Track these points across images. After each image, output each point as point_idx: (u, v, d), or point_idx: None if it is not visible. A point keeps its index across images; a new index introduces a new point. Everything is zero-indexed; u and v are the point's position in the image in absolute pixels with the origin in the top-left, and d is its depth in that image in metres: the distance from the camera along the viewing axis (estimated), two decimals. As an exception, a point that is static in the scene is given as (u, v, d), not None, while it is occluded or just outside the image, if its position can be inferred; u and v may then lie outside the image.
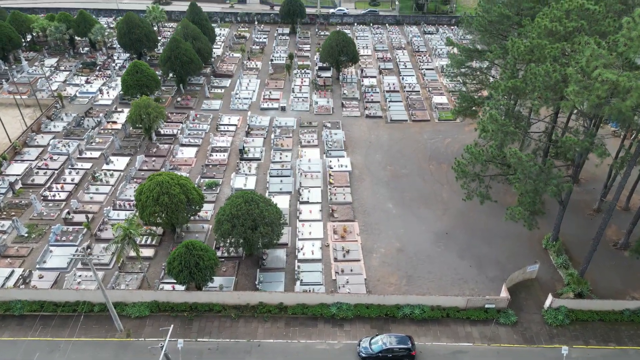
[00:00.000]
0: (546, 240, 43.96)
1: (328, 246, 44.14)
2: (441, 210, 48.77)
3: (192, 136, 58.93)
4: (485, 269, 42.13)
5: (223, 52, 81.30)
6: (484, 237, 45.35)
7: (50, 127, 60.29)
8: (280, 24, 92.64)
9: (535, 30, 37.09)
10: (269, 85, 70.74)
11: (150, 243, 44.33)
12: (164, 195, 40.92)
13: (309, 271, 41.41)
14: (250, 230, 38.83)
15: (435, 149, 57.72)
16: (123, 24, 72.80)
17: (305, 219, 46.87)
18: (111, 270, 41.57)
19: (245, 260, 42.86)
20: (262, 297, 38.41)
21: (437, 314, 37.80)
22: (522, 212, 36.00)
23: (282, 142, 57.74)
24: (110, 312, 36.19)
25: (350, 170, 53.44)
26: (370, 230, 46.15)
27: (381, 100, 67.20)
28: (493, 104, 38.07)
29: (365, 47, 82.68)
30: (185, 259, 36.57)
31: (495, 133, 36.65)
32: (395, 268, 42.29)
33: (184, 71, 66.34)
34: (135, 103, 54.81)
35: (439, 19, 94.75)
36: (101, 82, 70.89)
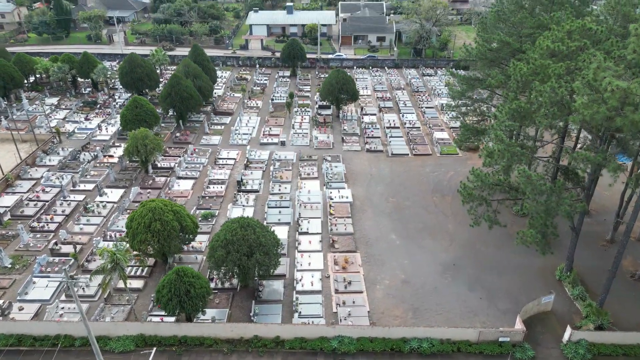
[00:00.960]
0: (560, 271, 41.50)
1: (328, 277, 41.62)
2: (447, 241, 46.56)
3: (190, 169, 57.67)
4: (497, 301, 39.41)
5: (224, 92, 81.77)
6: (494, 268, 42.90)
7: (45, 160, 59.20)
8: (281, 67, 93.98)
9: (537, 52, 36.67)
10: (269, 122, 70.40)
11: (139, 274, 41.89)
12: (156, 222, 38.98)
13: (308, 303, 38.71)
14: (246, 257, 36.58)
15: (438, 182, 56.23)
16: (125, 63, 73.57)
17: (305, 249, 44.63)
18: (96, 302, 38.90)
19: (240, 292, 40.24)
20: (258, 329, 35.56)
21: (447, 348, 34.78)
22: (534, 235, 33.93)
23: (281, 175, 56.37)
24: (92, 346, 33.32)
25: (352, 202, 51.70)
26: (373, 261, 43.78)
27: (381, 136, 66.53)
28: (498, 125, 36.94)
29: (364, 88, 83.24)
30: (176, 286, 34.12)
31: (501, 154, 35.28)
32: (400, 300, 39.59)
33: (184, 107, 66.14)
34: (133, 134, 53.97)
35: (437, 62, 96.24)
36: (101, 119, 70.63)
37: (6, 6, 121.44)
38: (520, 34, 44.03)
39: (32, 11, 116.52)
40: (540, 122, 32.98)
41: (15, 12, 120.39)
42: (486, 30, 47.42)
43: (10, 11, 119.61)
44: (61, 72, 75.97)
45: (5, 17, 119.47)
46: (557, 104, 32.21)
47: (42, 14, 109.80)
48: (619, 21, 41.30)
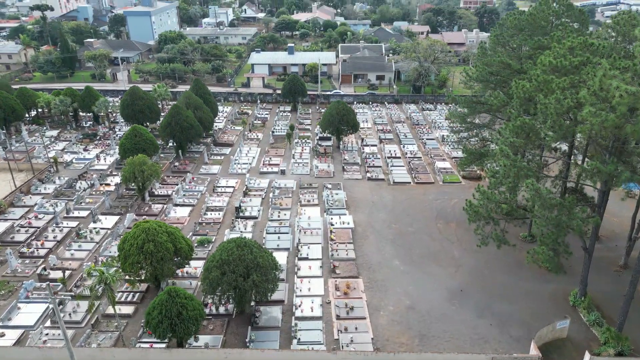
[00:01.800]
0: (573, 297, 39.37)
1: (329, 303, 39.48)
2: (453, 267, 44.61)
3: (187, 196, 56.46)
4: (508, 328, 37.10)
5: (225, 125, 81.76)
6: (503, 295, 40.75)
7: (41, 189, 58.10)
8: (282, 103, 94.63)
9: (539, 68, 36.31)
10: (269, 153, 69.82)
11: (130, 300, 39.80)
12: (149, 243, 37.39)
13: (308, 329, 36.43)
14: (242, 279, 34.73)
15: (441, 209, 54.79)
16: (127, 96, 73.91)
17: (304, 275, 42.67)
18: (83, 329, 36.65)
19: (235, 318, 38.03)
20: (253, 356, 33.21)
21: (458, 376, 32.31)
22: (546, 253, 32.20)
23: (280, 202, 55.07)
24: (75, 373, 30.96)
25: (353, 228, 50.09)
26: (376, 287, 41.72)
27: (383, 165, 65.69)
28: (503, 141, 36.03)
29: (365, 121, 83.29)
30: (167, 307, 32.11)
31: (507, 170, 34.18)
32: (405, 327, 37.30)
33: (184, 137, 65.75)
34: (131, 160, 53.13)
35: (436, 98, 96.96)
36: (99, 150, 70.15)
37: (14, 48, 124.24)
38: (521, 56, 43.98)
39: (38, 52, 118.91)
40: (547, 136, 32.01)
41: (22, 53, 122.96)
42: (486, 54, 47.50)
43: (17, 52, 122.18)
44: (63, 105, 76.19)
45: (12, 57, 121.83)
46: (564, 115, 31.42)
47: (49, 54, 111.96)
48: (619, 42, 41.28)
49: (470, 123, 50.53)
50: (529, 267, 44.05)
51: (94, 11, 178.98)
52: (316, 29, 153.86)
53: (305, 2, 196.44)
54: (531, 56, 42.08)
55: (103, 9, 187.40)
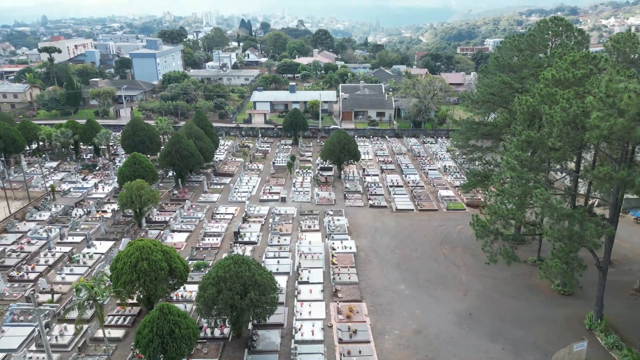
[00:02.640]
0: (589, 320, 37.22)
1: (331, 327, 37.34)
2: (461, 292, 42.60)
3: (185, 222, 55.11)
4: (523, 353, 34.78)
5: (225, 157, 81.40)
6: (515, 320, 38.55)
7: (36, 215, 56.89)
8: (283, 137, 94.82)
9: (542, 82, 36.00)
10: (270, 182, 68.98)
11: (120, 323, 37.72)
12: (143, 262, 35.78)
13: (309, 353, 34.18)
14: (239, 297, 32.91)
15: (446, 235, 53.22)
16: (128, 127, 74.10)
17: (305, 299, 40.69)
18: (69, 352, 34.44)
19: (231, 342, 35.84)
20: (250, 379, 30.93)
21: (470, 401, 29.89)
22: (559, 266, 30.56)
23: (280, 227, 53.63)
24: (57, 397, 28.75)
25: (355, 252, 48.40)
26: (380, 310, 39.63)
27: (385, 194, 64.61)
28: (509, 155, 35.15)
29: (366, 153, 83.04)
30: (158, 324, 30.18)
31: (515, 181, 33.14)
32: (413, 351, 35.02)
33: (184, 165, 65.15)
34: (128, 185, 52.21)
35: (437, 132, 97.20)
36: (98, 180, 69.43)
37: (19, 87, 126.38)
38: (522, 76, 43.91)
39: (43, 91, 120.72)
40: (554, 145, 31.10)
41: (27, 92, 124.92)
42: (486, 76, 47.53)
43: (22, 91, 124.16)
44: (64, 137, 76.17)
45: (17, 97, 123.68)
46: (570, 124, 30.72)
47: (54, 92, 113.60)
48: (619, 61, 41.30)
49: (473, 146, 49.90)
50: (541, 291, 42.35)
51: (101, 56, 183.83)
52: (317, 71, 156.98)
53: (307, 48, 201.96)
54: (532, 74, 41.95)
55: (110, 53, 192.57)
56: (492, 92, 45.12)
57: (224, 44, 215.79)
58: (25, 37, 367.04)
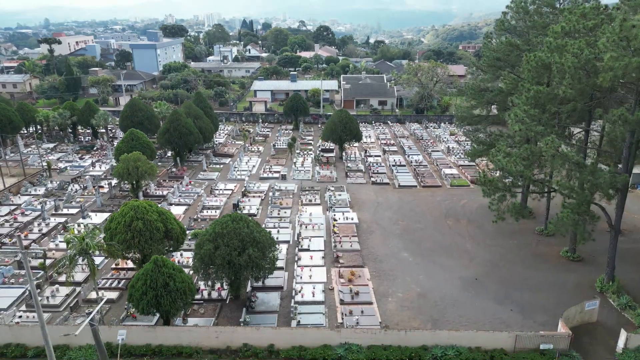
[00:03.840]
0: (600, 283, 35.89)
1: (332, 290, 36.05)
2: (466, 259, 41.26)
3: (184, 197, 53.93)
4: (532, 314, 33.44)
5: (225, 140, 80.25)
6: (523, 285, 37.18)
7: (31, 190, 55.73)
8: (284, 122, 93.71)
9: (551, 36, 34.80)
10: (270, 162, 67.79)
11: (114, 286, 36.48)
12: (137, 221, 34.58)
13: (309, 313, 32.89)
14: (237, 253, 31.66)
15: (450, 208, 51.93)
16: (127, 107, 73.06)
17: (305, 264, 39.41)
18: (60, 312, 33.19)
19: (229, 304, 34.59)
20: (248, 335, 29.56)
21: (478, 357, 28.51)
22: (571, 216, 29.26)
23: (281, 201, 52.41)
24: (47, 352, 27.41)
25: (357, 223, 47.16)
26: (383, 275, 38.33)
27: (387, 172, 63.37)
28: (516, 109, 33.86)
29: (368, 137, 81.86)
30: (152, 277, 28.94)
31: (522, 134, 31.91)
32: (417, 312, 33.70)
33: (182, 143, 64.01)
34: (125, 157, 51.06)
35: (440, 117, 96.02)
36: (96, 159, 68.34)
37: (19, 77, 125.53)
38: (529, 38, 42.70)
39: (42, 82, 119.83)
40: (565, 93, 29.87)
41: (27, 82, 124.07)
42: (491, 42, 46.28)
43: (22, 81, 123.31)
44: (61, 118, 75.12)
45: (17, 86, 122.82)
46: (582, 68, 29.51)
47: (53, 80, 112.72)
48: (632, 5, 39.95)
49: (479, 116, 48.68)
50: (549, 258, 41.08)
51: (102, 50, 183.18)
52: (318, 64, 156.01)
53: (308, 43, 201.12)
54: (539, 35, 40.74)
55: (111, 48, 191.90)
56: (497, 56, 43.91)
57: (225, 40, 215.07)
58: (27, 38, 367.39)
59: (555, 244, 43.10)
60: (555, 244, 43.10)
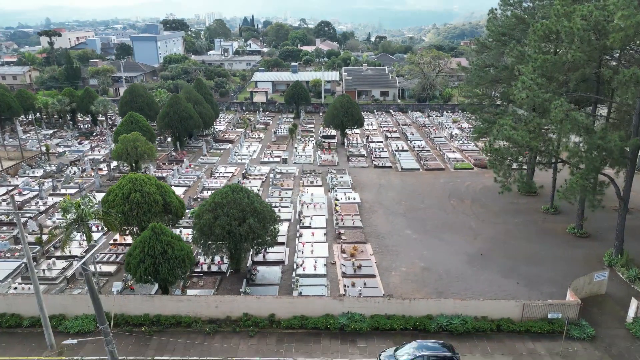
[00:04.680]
0: (608, 257, 35.11)
1: (334, 264, 35.32)
2: (471, 236, 40.49)
3: (184, 179, 53.22)
4: (538, 287, 32.68)
5: (226, 128, 79.51)
6: (529, 259, 36.39)
7: (29, 172, 55.05)
8: (285, 111, 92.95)
9: (558, 3, 33.98)
10: (271, 148, 67.04)
11: (112, 260, 35.80)
12: (136, 193, 33.94)
13: (311, 285, 32.15)
14: (237, 223, 30.92)
15: (454, 189, 51.15)
16: (126, 93, 72.32)
17: (307, 240, 38.66)
18: (56, 285, 32.51)
19: (229, 277, 33.86)
20: (248, 305, 28.84)
21: (485, 326, 27.77)
22: (580, 182, 28.46)
23: (282, 183, 51.69)
24: (42, 321, 26.73)
25: (360, 202, 46.43)
26: (386, 251, 37.57)
27: (389, 157, 62.59)
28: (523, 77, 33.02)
29: (370, 124, 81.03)
30: (150, 244, 28.27)
31: (530, 101, 31.13)
32: (421, 285, 32.96)
33: (182, 127, 63.27)
34: (123, 137, 50.39)
35: (442, 106, 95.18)
36: (95, 144, 67.66)
37: (18, 69, 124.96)
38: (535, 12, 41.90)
39: (42, 73, 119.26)
40: (574, 55, 29.07)
41: (27, 74, 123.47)
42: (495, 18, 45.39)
43: (22, 73, 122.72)
44: (61, 104, 74.42)
45: (16, 78, 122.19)
46: (592, 30, 28.73)
47: (53, 70, 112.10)
48: None
49: (483, 94, 47.90)
50: (556, 234, 40.38)
51: (102, 45, 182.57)
52: (319, 58, 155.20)
53: (309, 38, 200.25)
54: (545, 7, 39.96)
55: (111, 43, 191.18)
56: (502, 31, 43.12)
57: (225, 36, 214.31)
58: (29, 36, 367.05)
59: (562, 221, 42.36)
60: (562, 221, 42.36)
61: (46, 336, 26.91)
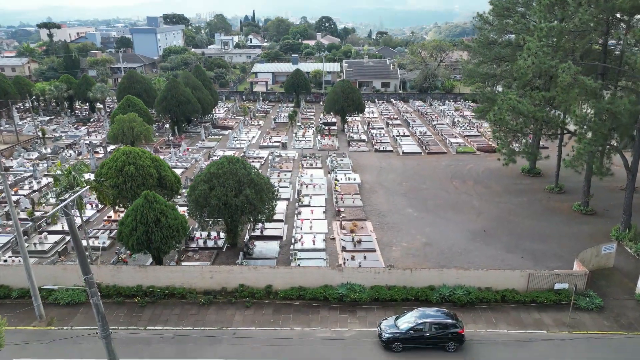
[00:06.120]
0: (615, 232, 34.14)
1: (334, 239, 34.39)
2: (474, 214, 39.53)
3: (181, 161, 52.35)
4: (544, 261, 31.73)
5: (225, 115, 78.62)
6: (534, 236, 35.41)
7: (24, 154, 54.19)
8: (285, 101, 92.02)
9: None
10: (270, 134, 66.13)
11: (107, 235, 34.88)
12: (129, 165, 33.04)
13: (309, 258, 31.21)
14: (233, 194, 30.01)
15: (456, 171, 50.18)
16: (124, 79, 71.43)
17: (306, 218, 37.73)
18: (48, 257, 31.63)
19: (225, 251, 32.96)
20: (244, 275, 27.91)
21: (489, 296, 26.83)
22: (588, 147, 27.47)
23: (281, 165, 50.79)
24: (31, 291, 25.88)
25: (360, 183, 45.51)
26: (387, 228, 36.65)
27: (390, 142, 61.63)
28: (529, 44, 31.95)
29: (371, 112, 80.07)
30: (143, 212, 27.37)
31: (536, 68, 30.16)
32: (422, 259, 32.03)
33: (180, 112, 62.38)
34: (120, 118, 49.54)
35: (444, 95, 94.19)
36: (92, 130, 66.83)
37: (17, 61, 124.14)
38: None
39: (41, 64, 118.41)
40: (582, 18, 28.10)
41: (25, 66, 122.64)
42: None
43: (21, 65, 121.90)
44: (58, 91, 73.57)
45: (15, 70, 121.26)
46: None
47: (52, 61, 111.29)
48: None
49: (486, 74, 46.94)
50: (561, 212, 39.46)
51: (102, 39, 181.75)
52: (320, 51, 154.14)
53: (310, 33, 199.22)
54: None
55: (111, 37, 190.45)
56: (506, 6, 42.11)
57: (226, 31, 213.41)
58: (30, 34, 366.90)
59: (567, 200, 41.41)
60: (567, 200, 41.41)
61: (35, 307, 26.07)
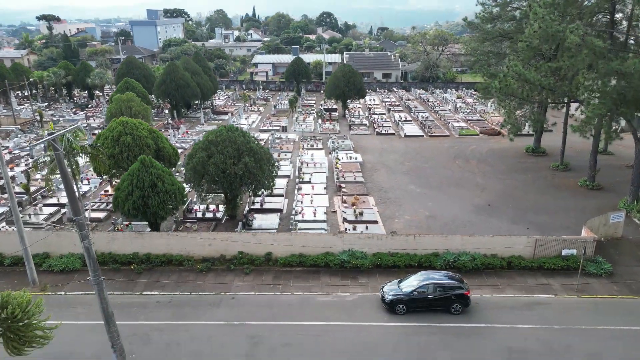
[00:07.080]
0: (623, 204, 33.40)
1: (335, 212, 33.66)
2: (478, 190, 38.78)
3: (180, 142, 51.66)
4: (550, 233, 30.78)
5: (225, 102, 77.91)
6: (540, 209, 34.63)
7: (21, 136, 53.52)
8: (285, 90, 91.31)
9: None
10: (271, 119, 65.39)
11: (103, 208, 34.22)
12: (126, 136, 32.48)
13: (310, 229, 30.47)
14: (232, 162, 29.31)
15: (460, 152, 49.43)
16: (123, 65, 70.75)
17: (307, 193, 37.00)
18: (43, 228, 30.92)
19: (224, 223, 32.25)
20: (244, 242, 27.13)
21: (495, 262, 26.11)
22: (596, 111, 26.73)
23: (281, 146, 50.07)
24: (24, 256, 25.20)
25: (362, 162, 44.79)
26: (389, 202, 35.92)
27: (392, 126, 60.88)
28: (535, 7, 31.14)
29: (372, 100, 79.34)
30: (139, 176, 26.70)
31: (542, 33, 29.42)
32: (425, 230, 31.23)
33: (179, 96, 61.68)
34: (118, 97, 48.83)
35: (446, 84, 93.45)
36: (90, 115, 66.15)
37: (17, 53, 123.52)
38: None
39: (40, 56, 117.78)
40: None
41: (25, 58, 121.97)
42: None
43: (20, 57, 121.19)
44: (56, 77, 72.93)
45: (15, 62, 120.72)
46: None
47: (51, 52, 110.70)
48: None
49: (490, 52, 46.20)
50: (567, 188, 38.80)
51: (102, 33, 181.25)
52: (321, 44, 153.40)
53: (311, 28, 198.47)
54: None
55: (111, 32, 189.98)
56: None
57: (227, 26, 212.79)
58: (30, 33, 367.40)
59: (572, 177, 40.67)
60: (572, 177, 40.67)
61: (28, 272, 25.40)
